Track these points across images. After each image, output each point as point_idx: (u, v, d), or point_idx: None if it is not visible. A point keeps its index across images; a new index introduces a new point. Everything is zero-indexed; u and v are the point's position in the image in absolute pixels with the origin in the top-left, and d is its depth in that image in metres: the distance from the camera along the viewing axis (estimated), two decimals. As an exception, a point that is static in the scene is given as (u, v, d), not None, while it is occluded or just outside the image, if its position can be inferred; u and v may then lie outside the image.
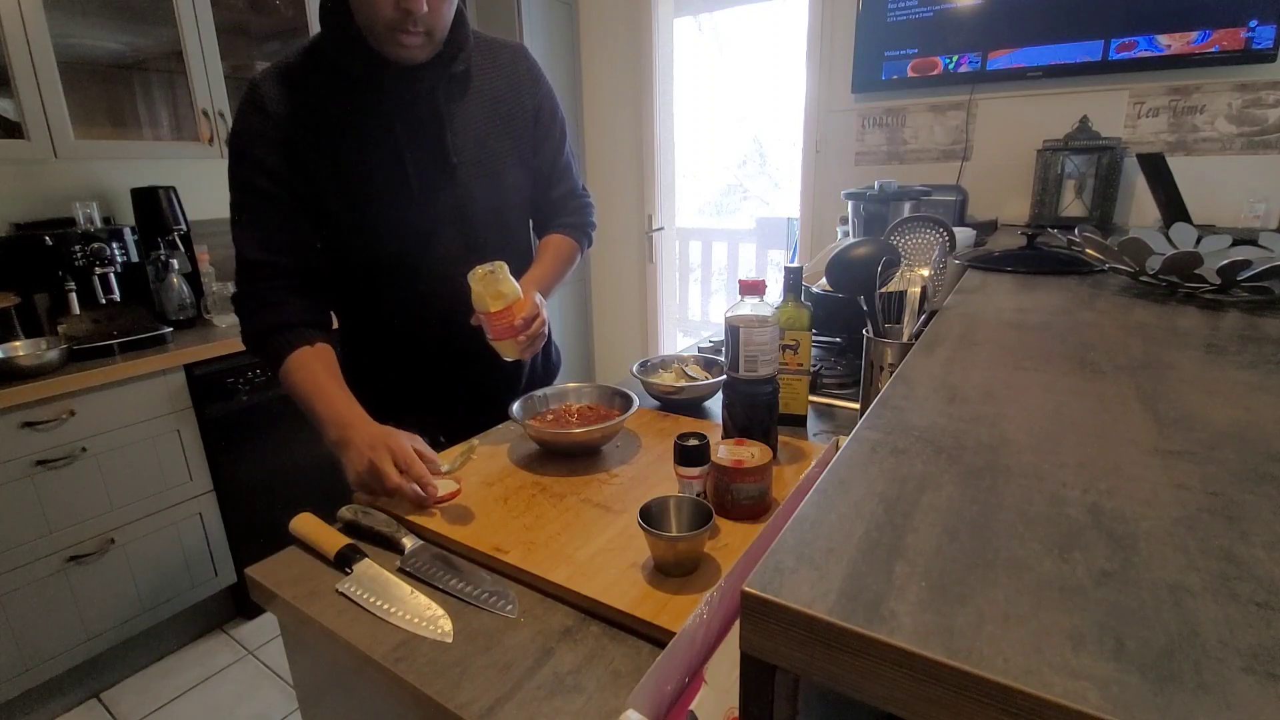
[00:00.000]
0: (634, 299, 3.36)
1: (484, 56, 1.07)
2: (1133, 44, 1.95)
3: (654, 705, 0.44)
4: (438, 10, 0.92)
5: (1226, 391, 0.52)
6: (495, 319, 0.93)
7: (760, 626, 0.31)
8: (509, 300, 0.93)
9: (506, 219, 1.13)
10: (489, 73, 1.08)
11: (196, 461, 1.88)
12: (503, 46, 1.12)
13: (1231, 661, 0.25)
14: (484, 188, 1.07)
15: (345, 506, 0.84)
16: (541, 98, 1.13)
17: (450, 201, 1.04)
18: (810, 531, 0.35)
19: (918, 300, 0.96)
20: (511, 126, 1.10)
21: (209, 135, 2.03)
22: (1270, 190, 1.90)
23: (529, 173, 1.15)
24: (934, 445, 0.45)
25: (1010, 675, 0.25)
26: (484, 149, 1.06)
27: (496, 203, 1.10)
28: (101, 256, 1.85)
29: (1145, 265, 0.87)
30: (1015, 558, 0.33)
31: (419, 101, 0.99)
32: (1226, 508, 0.36)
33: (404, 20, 0.89)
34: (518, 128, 1.10)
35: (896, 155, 2.45)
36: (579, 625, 0.63)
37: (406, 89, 0.98)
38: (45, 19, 1.68)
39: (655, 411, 1.13)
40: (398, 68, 0.96)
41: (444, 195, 1.04)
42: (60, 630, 1.68)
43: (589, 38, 3.10)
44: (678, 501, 0.71)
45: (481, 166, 1.06)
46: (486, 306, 0.93)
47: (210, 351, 1.85)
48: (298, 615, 0.68)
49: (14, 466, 1.56)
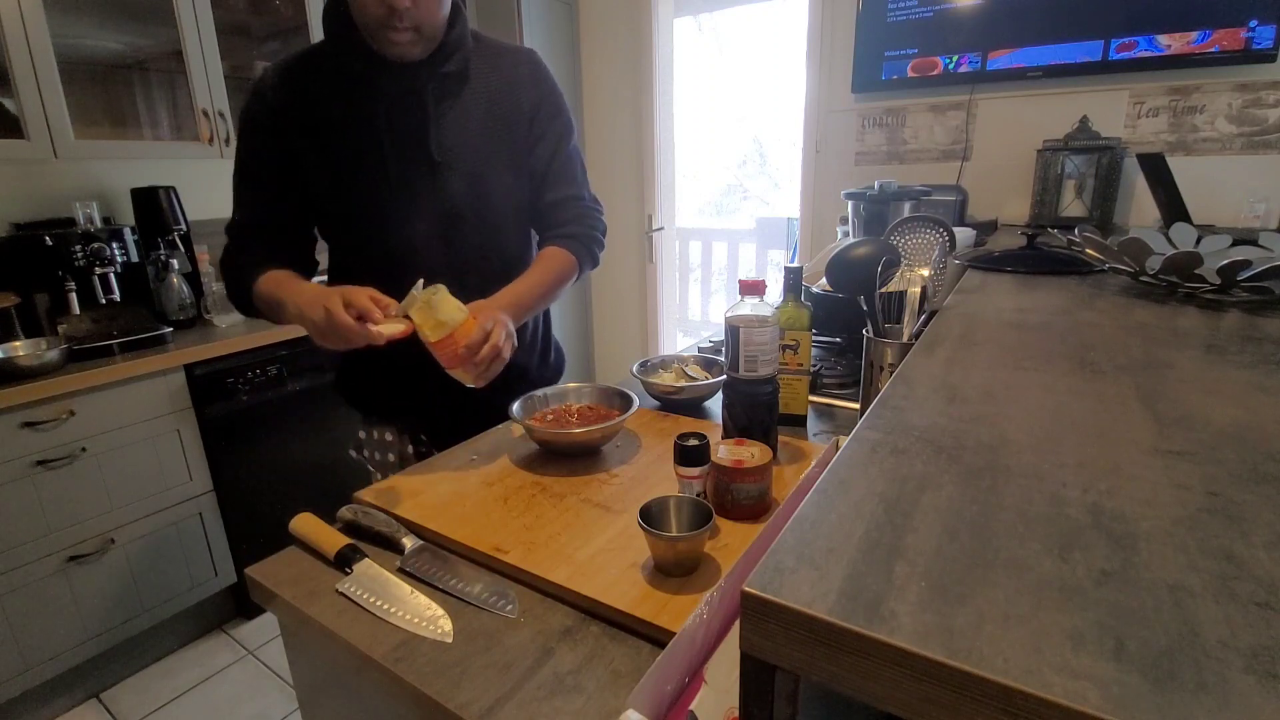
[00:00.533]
0: (634, 299, 3.36)
1: (486, 60, 1.07)
2: (1133, 44, 1.95)
3: (654, 705, 0.44)
4: (423, 6, 0.93)
5: (1226, 391, 0.52)
6: (438, 349, 0.88)
7: (760, 626, 0.31)
8: (450, 328, 0.87)
9: (493, 221, 1.09)
10: (489, 75, 1.07)
11: (196, 461, 1.88)
12: (510, 51, 1.11)
13: (1231, 661, 0.25)
14: (466, 187, 1.05)
15: (345, 506, 0.84)
16: (541, 97, 1.10)
17: (431, 199, 1.04)
18: (810, 531, 0.35)
19: (918, 300, 0.96)
20: (505, 128, 1.07)
21: (209, 135, 2.03)
22: (1270, 190, 1.90)
23: (522, 176, 1.11)
24: (934, 445, 0.45)
25: (1010, 675, 0.25)
26: (471, 149, 1.05)
27: (479, 204, 1.07)
28: (101, 256, 1.86)
29: (1145, 265, 0.87)
30: (1015, 558, 0.33)
31: (407, 98, 1.01)
32: (1226, 508, 0.36)
33: (390, 16, 0.91)
34: (512, 129, 1.08)
35: (896, 155, 2.45)
36: (579, 625, 0.63)
37: (396, 85, 1.00)
38: (45, 19, 1.68)
39: (655, 411, 1.13)
40: (393, 65, 0.98)
41: (424, 192, 1.04)
42: (60, 630, 1.68)
43: (589, 38, 3.10)
44: (678, 501, 0.71)
45: (466, 166, 1.05)
46: (427, 336, 0.87)
47: (210, 351, 1.85)
48: (298, 615, 0.68)
49: (14, 466, 1.56)
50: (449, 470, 0.93)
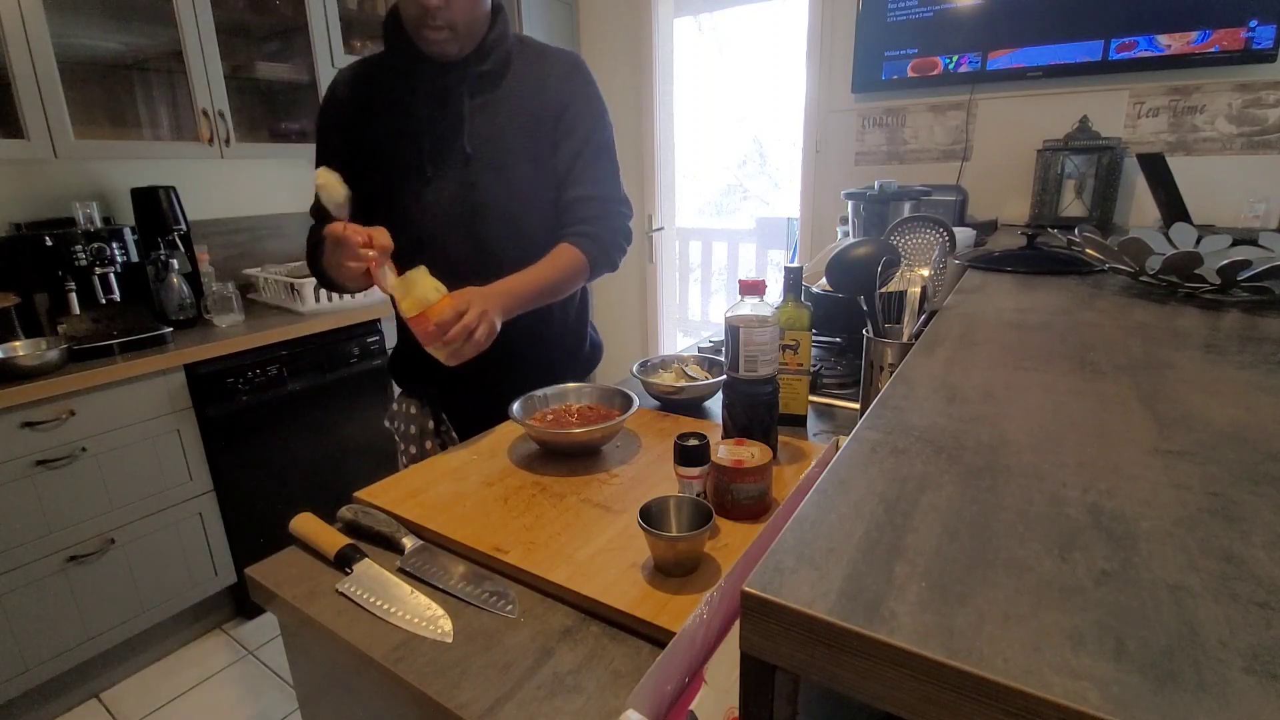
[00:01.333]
0: (634, 299, 3.36)
1: (527, 61, 1.12)
2: (1133, 44, 1.95)
3: (654, 705, 0.44)
4: (455, 5, 0.99)
5: (1226, 391, 0.52)
6: (414, 325, 0.94)
7: (760, 626, 0.31)
8: (423, 306, 0.92)
9: (516, 215, 1.12)
10: (526, 75, 1.11)
11: (196, 461, 1.88)
12: (554, 53, 1.14)
13: (1231, 661, 0.25)
14: (492, 181, 1.09)
15: (345, 506, 0.84)
16: (572, 96, 1.12)
17: (460, 191, 1.09)
18: (810, 531, 0.35)
19: (918, 300, 0.96)
20: (532, 124, 1.10)
21: (209, 135, 2.03)
22: (1270, 190, 1.90)
23: (546, 172, 1.13)
24: (934, 445, 0.45)
25: (1010, 675, 0.25)
26: (498, 144, 1.09)
27: (504, 198, 1.10)
28: (102, 256, 1.86)
29: (1145, 265, 0.87)
30: (1015, 558, 0.33)
31: (444, 95, 1.08)
32: (1226, 508, 0.36)
33: (424, 16, 0.99)
34: (539, 125, 1.11)
35: (896, 155, 2.45)
36: (579, 625, 0.63)
37: (436, 83, 1.08)
38: (45, 19, 1.68)
39: (655, 411, 1.13)
40: (434, 64, 1.06)
41: (454, 184, 1.09)
42: (60, 630, 1.68)
43: (589, 38, 3.10)
44: (678, 501, 0.71)
45: (493, 160, 1.09)
46: (405, 312, 0.93)
47: (210, 351, 1.85)
48: (298, 615, 0.68)
49: (14, 466, 1.56)
50: (449, 470, 0.93)
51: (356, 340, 2.19)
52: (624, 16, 2.96)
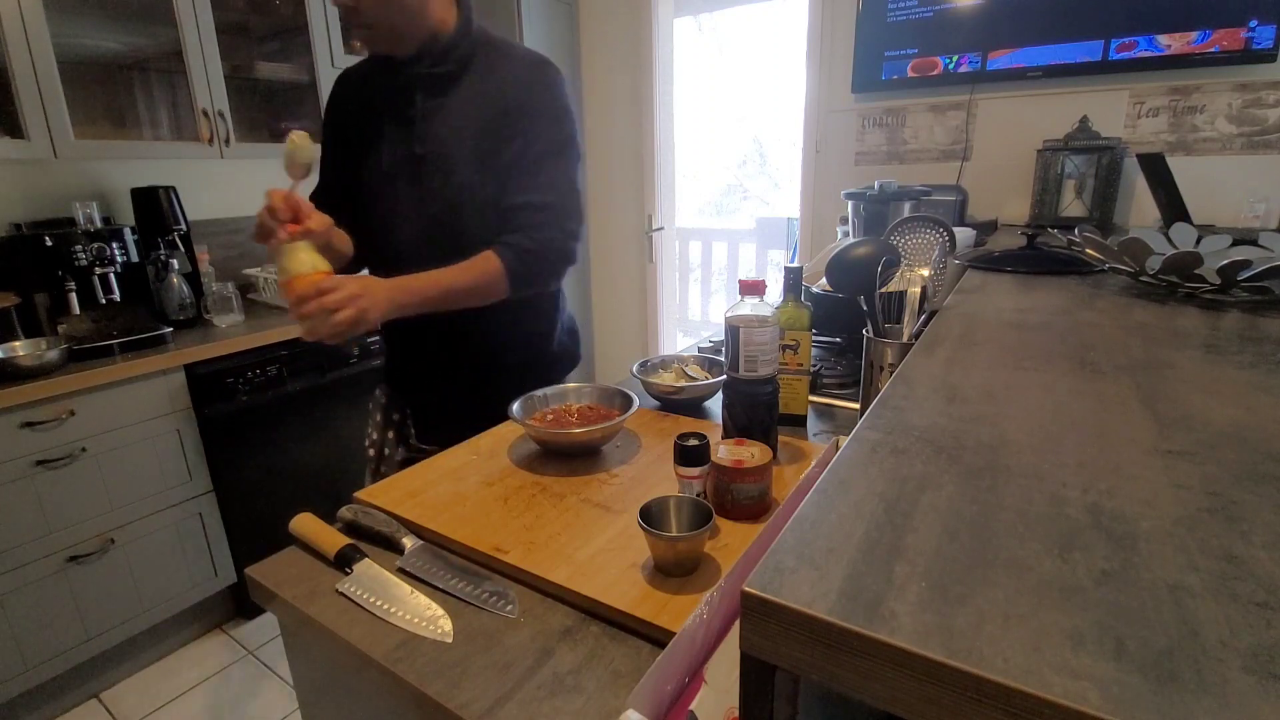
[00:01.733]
0: (634, 299, 3.36)
1: (490, 62, 1.09)
2: (1133, 44, 1.95)
3: (654, 705, 0.44)
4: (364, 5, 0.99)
5: (1226, 391, 0.52)
6: (283, 293, 0.95)
7: (760, 626, 0.31)
8: (288, 276, 0.92)
9: (459, 217, 1.08)
10: (486, 76, 1.08)
11: (196, 461, 1.88)
12: (520, 56, 1.11)
13: (1231, 661, 0.25)
14: (438, 181, 1.08)
15: (345, 506, 0.84)
16: (528, 99, 1.07)
17: (412, 191, 1.11)
18: (810, 531, 0.35)
19: (918, 300, 0.96)
20: (483, 125, 1.06)
21: (209, 135, 2.03)
22: (1270, 190, 1.90)
23: (488, 173, 1.07)
24: (934, 445, 0.45)
25: (1010, 675, 0.25)
26: (445, 144, 1.07)
27: (449, 198, 1.07)
28: (102, 256, 1.85)
29: (1145, 265, 0.87)
30: (1015, 558, 0.33)
31: (397, 95, 1.10)
32: (1226, 508, 0.36)
33: (343, 15, 1.03)
34: (488, 126, 1.06)
35: (896, 155, 2.45)
36: (579, 625, 0.63)
37: (394, 82, 1.10)
38: (45, 19, 1.68)
39: (655, 411, 1.12)
40: (390, 64, 1.08)
41: (406, 182, 1.11)
42: (60, 630, 1.68)
43: (589, 38, 3.10)
44: (678, 501, 0.71)
45: (441, 161, 1.08)
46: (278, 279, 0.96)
47: (210, 351, 1.85)
48: (298, 615, 0.68)
49: (14, 466, 1.56)
50: (449, 470, 0.93)
51: (356, 340, 2.19)
52: (624, 16, 2.96)
